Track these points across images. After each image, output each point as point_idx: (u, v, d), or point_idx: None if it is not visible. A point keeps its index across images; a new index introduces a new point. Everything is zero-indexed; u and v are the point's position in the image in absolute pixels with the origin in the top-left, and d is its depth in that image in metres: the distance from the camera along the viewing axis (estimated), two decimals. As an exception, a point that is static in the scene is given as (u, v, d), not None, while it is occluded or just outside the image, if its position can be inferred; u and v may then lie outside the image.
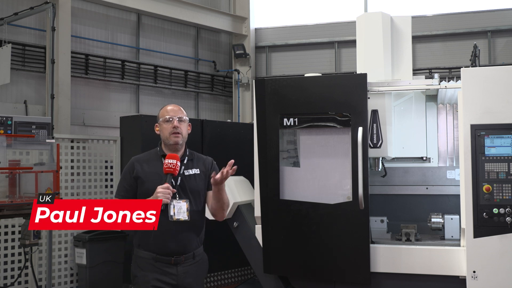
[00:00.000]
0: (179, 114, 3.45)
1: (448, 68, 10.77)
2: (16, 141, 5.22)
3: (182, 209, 3.27)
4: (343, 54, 11.68)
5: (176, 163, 3.25)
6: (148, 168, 3.38)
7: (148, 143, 6.60)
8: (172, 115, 3.41)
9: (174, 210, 3.25)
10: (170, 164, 3.23)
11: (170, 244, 3.27)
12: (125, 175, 3.45)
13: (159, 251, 3.27)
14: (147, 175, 3.35)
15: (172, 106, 3.51)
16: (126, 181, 3.40)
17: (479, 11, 11.07)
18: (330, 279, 4.59)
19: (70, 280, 6.33)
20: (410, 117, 4.85)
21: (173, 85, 10.90)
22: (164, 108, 3.51)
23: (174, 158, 3.26)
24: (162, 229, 3.17)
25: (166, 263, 3.27)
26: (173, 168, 3.23)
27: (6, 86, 7.67)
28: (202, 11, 11.09)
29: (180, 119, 3.43)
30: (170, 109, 3.48)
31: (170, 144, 3.38)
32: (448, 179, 4.97)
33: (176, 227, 3.27)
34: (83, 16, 9.46)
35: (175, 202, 3.26)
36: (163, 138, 3.43)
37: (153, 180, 3.28)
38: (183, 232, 3.30)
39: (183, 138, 3.42)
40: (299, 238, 4.58)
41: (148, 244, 3.29)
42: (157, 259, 3.27)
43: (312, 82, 4.66)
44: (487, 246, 4.11)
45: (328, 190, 4.60)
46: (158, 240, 3.27)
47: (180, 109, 3.51)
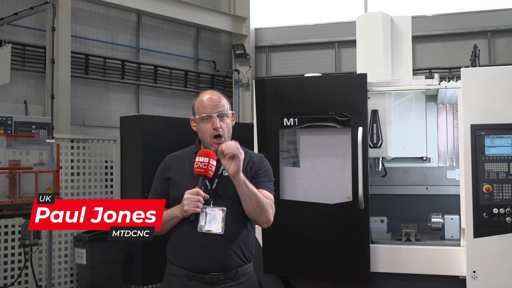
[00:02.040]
0: (220, 107, 2.75)
1: (448, 68, 10.77)
2: (16, 141, 5.23)
3: (216, 219, 2.68)
4: (343, 54, 11.68)
5: (209, 161, 2.63)
6: (181, 168, 2.81)
7: (149, 143, 6.63)
8: (210, 112, 2.74)
9: (205, 219, 2.68)
10: (202, 163, 2.63)
11: (204, 259, 2.67)
12: (157, 176, 2.89)
13: (192, 267, 2.68)
14: (180, 176, 2.78)
15: (209, 94, 2.81)
16: (158, 183, 2.86)
17: (479, 11, 11.07)
18: (330, 279, 4.59)
19: (70, 280, 6.33)
20: (410, 117, 4.85)
21: (173, 85, 10.90)
22: (200, 100, 2.81)
23: (207, 156, 2.64)
24: (193, 243, 2.67)
25: (200, 282, 2.67)
26: (206, 167, 2.63)
27: (6, 86, 7.67)
28: (202, 11, 11.09)
29: (221, 114, 2.75)
30: (207, 101, 2.77)
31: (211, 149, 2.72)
32: (448, 179, 4.97)
33: (210, 240, 2.67)
34: (83, 16, 9.46)
35: (208, 210, 2.68)
36: (202, 139, 2.81)
37: (186, 184, 2.70)
38: (219, 246, 2.68)
39: (226, 140, 2.75)
40: (299, 238, 4.57)
41: (180, 259, 2.72)
42: (190, 276, 2.68)
43: (312, 82, 4.66)
44: (487, 246, 4.11)
45: (328, 190, 4.60)
46: (188, 254, 2.70)
47: (220, 98, 2.79)
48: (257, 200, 2.65)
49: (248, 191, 2.63)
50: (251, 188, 2.64)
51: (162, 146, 6.10)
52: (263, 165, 2.84)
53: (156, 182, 2.87)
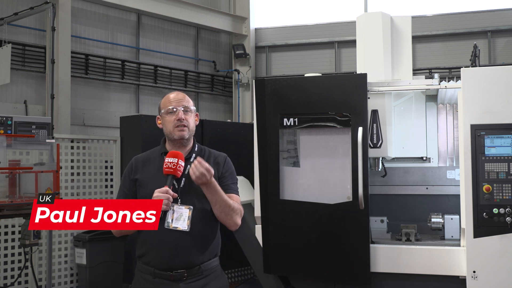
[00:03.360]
0: (184, 102, 2.92)
1: (448, 68, 10.77)
2: (16, 141, 5.22)
3: (183, 217, 2.77)
4: (343, 54, 11.68)
5: (178, 162, 2.76)
6: (148, 169, 2.93)
7: (148, 143, 6.60)
8: (175, 105, 2.89)
9: (172, 216, 2.77)
10: (171, 163, 2.75)
11: (169, 256, 2.77)
12: (124, 177, 3.01)
13: (158, 265, 2.80)
14: (147, 177, 2.90)
15: (175, 93, 2.98)
16: (125, 185, 2.98)
17: (479, 11, 11.07)
18: (330, 279, 4.59)
19: (70, 280, 6.33)
20: (410, 117, 4.85)
21: (173, 85, 10.89)
22: (166, 97, 2.98)
23: (175, 156, 2.77)
24: (159, 239, 2.77)
25: (165, 279, 2.78)
26: (174, 168, 2.74)
27: (6, 86, 7.67)
28: (202, 11, 11.09)
29: (185, 109, 2.91)
30: (173, 97, 2.94)
31: (174, 139, 2.89)
32: (448, 179, 4.97)
33: (175, 237, 2.77)
34: (83, 16, 9.46)
35: (175, 208, 2.78)
36: (166, 132, 2.94)
37: (153, 184, 2.80)
38: (184, 243, 2.78)
39: (190, 132, 2.92)
40: (299, 238, 4.57)
41: (147, 256, 2.84)
42: (155, 274, 2.80)
43: (312, 82, 4.66)
44: (487, 246, 4.11)
45: (328, 190, 4.60)
46: (155, 252, 2.80)
47: (184, 96, 2.97)
48: (226, 206, 2.79)
49: (217, 197, 2.77)
50: (219, 194, 2.77)
51: (162, 146, 6.09)
52: (228, 167, 2.99)
53: (124, 184, 2.99)
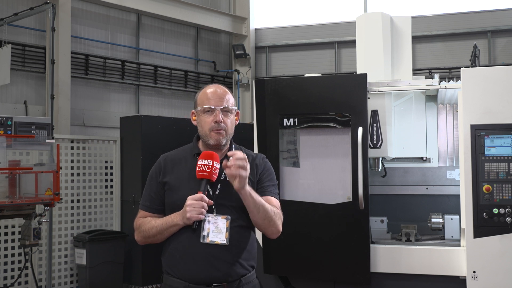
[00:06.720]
0: (223, 102, 2.56)
1: (448, 68, 10.77)
2: (16, 141, 5.22)
3: (220, 229, 2.47)
4: (343, 54, 11.67)
5: (213, 164, 2.42)
6: (179, 171, 2.58)
7: (149, 143, 6.63)
8: (214, 104, 2.54)
9: (208, 229, 2.46)
10: (205, 165, 2.41)
11: (205, 270, 2.47)
12: (150, 179, 2.64)
13: (192, 279, 2.48)
14: (178, 181, 2.56)
15: (215, 88, 2.61)
16: (152, 188, 2.62)
17: (479, 11, 11.07)
18: (330, 279, 4.59)
19: (70, 280, 6.34)
20: (410, 117, 4.85)
21: (173, 86, 10.90)
22: (204, 92, 2.62)
23: (210, 158, 2.43)
24: (194, 251, 2.48)
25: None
26: (209, 171, 2.41)
27: (6, 86, 7.66)
28: (202, 11, 11.09)
29: (225, 109, 2.56)
30: (211, 93, 2.58)
31: (210, 143, 2.55)
32: (448, 179, 4.97)
33: (212, 250, 2.48)
34: (83, 16, 9.46)
35: (211, 218, 2.47)
36: (201, 133, 2.59)
37: (185, 189, 2.49)
38: (223, 257, 2.50)
39: (227, 136, 2.57)
40: (299, 238, 4.57)
41: (178, 269, 2.52)
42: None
43: (312, 82, 4.66)
44: (487, 246, 4.11)
45: (328, 190, 4.60)
46: (189, 265, 2.49)
47: (225, 93, 2.60)
48: (264, 211, 2.50)
49: (255, 203, 2.45)
50: (257, 200, 2.46)
51: (162, 146, 6.08)
52: (267, 168, 2.69)
53: (150, 187, 2.64)
